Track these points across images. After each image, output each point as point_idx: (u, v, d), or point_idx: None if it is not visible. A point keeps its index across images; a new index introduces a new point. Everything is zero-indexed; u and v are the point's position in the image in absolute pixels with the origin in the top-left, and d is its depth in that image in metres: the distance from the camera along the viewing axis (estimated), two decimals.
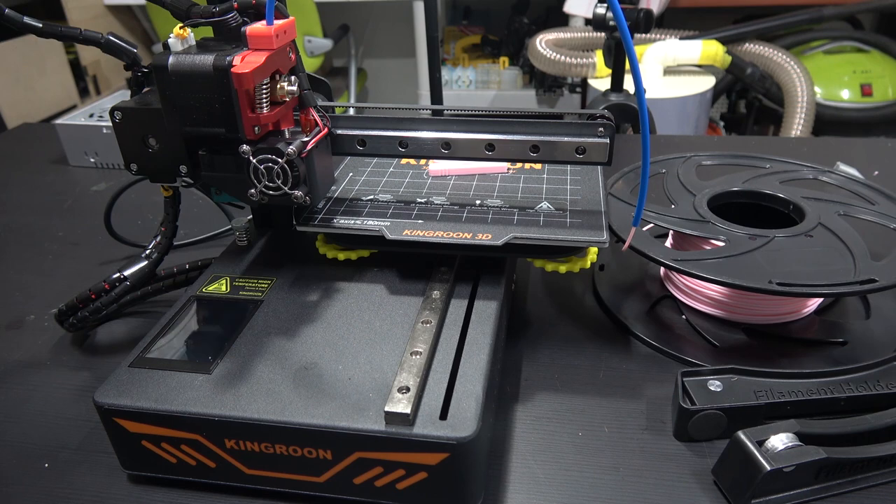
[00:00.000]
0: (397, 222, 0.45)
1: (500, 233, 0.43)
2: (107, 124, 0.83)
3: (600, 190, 0.50)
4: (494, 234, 0.43)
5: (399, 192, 0.50)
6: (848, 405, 0.41)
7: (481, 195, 0.49)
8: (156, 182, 0.45)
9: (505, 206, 0.48)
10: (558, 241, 0.43)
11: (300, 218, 0.46)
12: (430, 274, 0.45)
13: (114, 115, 0.42)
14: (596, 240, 0.42)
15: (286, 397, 0.35)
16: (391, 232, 0.44)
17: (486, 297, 0.43)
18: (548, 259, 0.44)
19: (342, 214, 0.47)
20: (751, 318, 0.50)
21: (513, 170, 0.55)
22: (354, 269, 0.47)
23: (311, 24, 1.88)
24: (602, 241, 0.42)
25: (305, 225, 0.45)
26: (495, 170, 0.55)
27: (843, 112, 1.72)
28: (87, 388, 0.47)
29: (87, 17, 2.01)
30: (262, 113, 0.40)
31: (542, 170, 0.55)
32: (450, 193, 0.50)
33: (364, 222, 0.45)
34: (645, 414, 0.43)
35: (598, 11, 1.01)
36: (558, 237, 0.43)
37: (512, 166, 0.55)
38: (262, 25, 0.39)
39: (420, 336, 0.39)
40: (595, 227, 0.44)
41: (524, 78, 2.21)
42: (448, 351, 0.38)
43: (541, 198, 0.49)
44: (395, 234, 0.44)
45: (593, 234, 0.43)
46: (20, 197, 0.80)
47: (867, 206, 0.54)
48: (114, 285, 0.48)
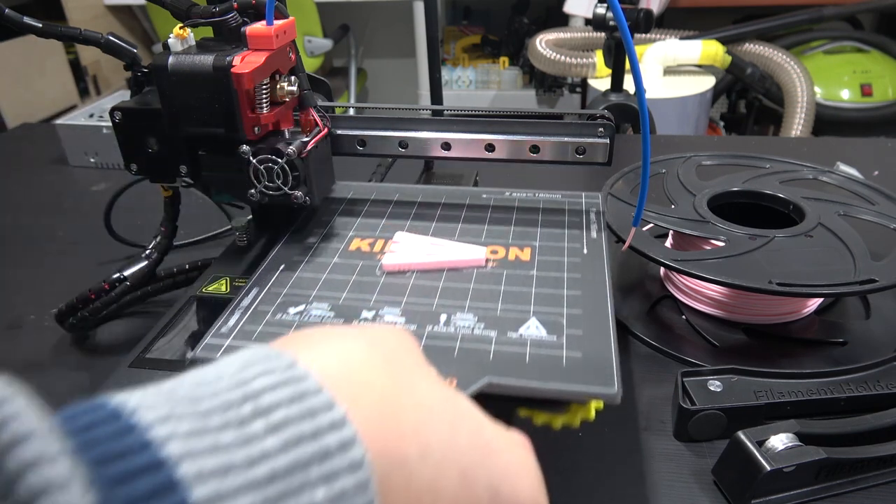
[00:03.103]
0: None
1: (469, 374, 0.32)
2: (107, 124, 0.83)
3: (608, 297, 0.38)
4: (462, 376, 0.32)
5: (339, 300, 0.38)
6: (848, 405, 0.41)
7: (448, 305, 0.37)
8: (156, 182, 0.45)
9: (479, 325, 0.36)
10: (551, 392, 0.31)
11: (196, 343, 0.35)
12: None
13: (114, 115, 0.42)
14: (602, 391, 0.31)
15: None
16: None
17: None
18: (536, 409, 0.33)
19: (257, 339, 0.35)
20: (751, 318, 0.50)
21: (493, 262, 0.41)
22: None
23: (311, 24, 1.88)
24: (611, 394, 0.30)
25: (206, 352, 0.34)
26: (470, 263, 0.41)
27: (843, 112, 1.72)
28: (87, 388, 0.47)
29: (87, 17, 2.01)
30: (262, 113, 0.40)
31: (530, 262, 0.41)
32: (406, 302, 0.38)
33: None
34: (645, 414, 0.43)
35: (598, 11, 1.01)
36: (551, 387, 0.31)
37: (492, 257, 0.42)
38: (262, 25, 0.39)
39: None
40: (601, 367, 0.32)
41: (524, 78, 2.21)
42: None
43: (528, 311, 0.37)
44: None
45: (599, 380, 0.31)
46: (20, 197, 0.80)
47: (867, 206, 0.54)
48: (114, 285, 0.48)
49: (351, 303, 0.38)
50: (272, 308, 0.38)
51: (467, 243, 0.43)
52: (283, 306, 0.38)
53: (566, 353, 0.33)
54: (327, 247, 0.44)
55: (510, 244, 0.43)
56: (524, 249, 0.43)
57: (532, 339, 0.34)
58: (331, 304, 0.38)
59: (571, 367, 0.32)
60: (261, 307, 0.38)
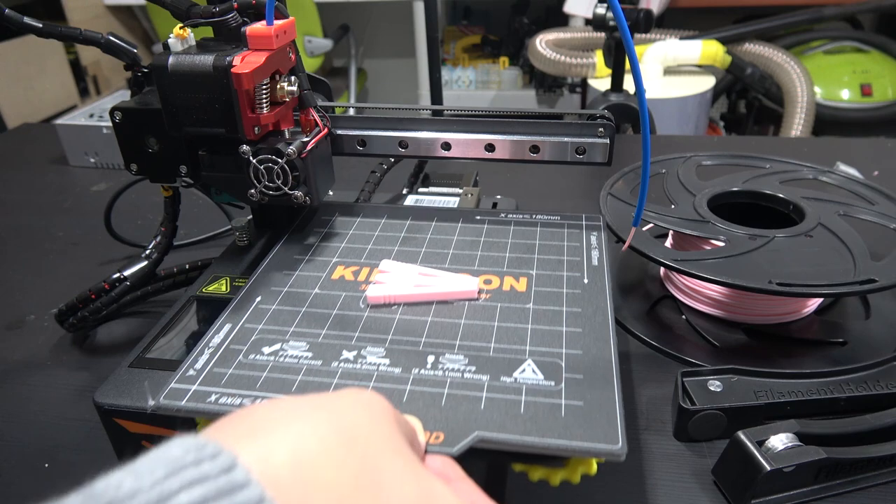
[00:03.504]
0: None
1: (458, 428, 0.29)
2: (107, 124, 0.83)
3: (610, 335, 0.35)
4: (449, 431, 0.29)
5: (319, 337, 0.36)
6: (848, 405, 0.41)
7: (436, 345, 0.35)
8: (156, 182, 0.45)
9: (469, 367, 0.33)
10: (548, 449, 0.28)
11: (157, 391, 0.32)
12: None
13: (114, 115, 0.42)
14: (605, 448, 0.28)
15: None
16: None
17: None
18: (532, 464, 0.30)
19: (227, 385, 0.32)
20: (751, 318, 0.50)
21: (486, 294, 0.39)
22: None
23: (311, 24, 1.88)
24: (615, 451, 0.28)
25: (171, 398, 0.31)
26: (461, 295, 0.38)
27: (843, 112, 1.72)
28: (87, 388, 0.47)
29: (87, 17, 2.01)
30: (262, 113, 0.40)
31: (527, 293, 0.39)
32: (391, 340, 0.35)
33: (256, 402, 0.31)
34: (645, 414, 0.43)
35: (598, 11, 1.01)
36: (548, 443, 0.28)
37: (485, 287, 0.40)
38: (262, 25, 0.39)
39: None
40: (604, 419, 0.29)
41: (524, 78, 2.21)
42: None
43: (524, 351, 0.34)
44: None
45: (601, 435, 0.28)
46: (20, 197, 0.80)
47: (867, 206, 0.54)
48: (114, 285, 0.48)
49: (331, 341, 0.35)
50: (245, 347, 0.35)
51: (458, 272, 0.41)
52: (257, 345, 0.35)
53: (565, 401, 0.31)
54: (308, 276, 0.42)
55: (505, 273, 0.41)
56: (520, 279, 0.40)
57: (528, 384, 0.32)
58: (309, 342, 0.35)
59: (571, 419, 0.29)
60: (233, 346, 0.35)
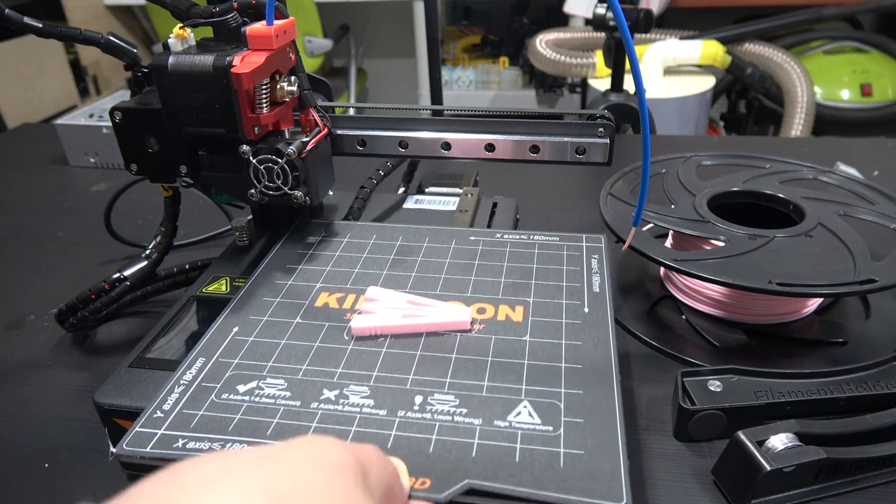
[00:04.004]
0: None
1: (446, 475, 0.27)
2: (107, 124, 0.83)
3: (613, 370, 0.33)
4: (436, 479, 0.27)
5: (298, 373, 0.33)
6: (848, 405, 0.41)
7: (425, 383, 0.32)
8: (156, 182, 0.45)
9: (460, 409, 0.31)
10: (544, 499, 0.26)
11: (123, 436, 0.29)
12: None
13: (114, 115, 0.43)
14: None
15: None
16: None
17: None
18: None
19: (196, 428, 0.30)
20: (751, 318, 0.50)
21: (480, 325, 0.36)
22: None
23: (311, 24, 1.88)
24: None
25: (134, 445, 0.29)
26: (452, 326, 0.36)
27: (843, 112, 1.72)
28: (87, 388, 0.47)
29: (87, 17, 2.01)
30: (262, 113, 0.40)
31: (523, 323, 0.37)
32: (377, 377, 0.33)
33: (226, 449, 0.29)
34: (645, 414, 0.43)
35: (598, 11, 1.01)
36: (544, 496, 0.26)
37: (479, 317, 0.37)
38: (262, 25, 0.39)
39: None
40: (607, 471, 0.27)
41: (524, 78, 2.21)
42: None
43: (519, 390, 0.32)
44: None
45: (604, 490, 0.26)
46: (20, 197, 0.80)
47: (867, 206, 0.54)
48: (114, 285, 0.48)
49: (312, 377, 0.33)
50: (218, 385, 0.33)
51: (450, 299, 0.39)
52: (231, 383, 0.33)
53: (564, 449, 0.28)
54: (289, 303, 0.39)
55: (500, 300, 0.39)
56: (516, 308, 0.38)
57: (523, 429, 0.29)
58: (287, 379, 0.33)
59: (570, 470, 0.27)
60: (205, 383, 0.33)
